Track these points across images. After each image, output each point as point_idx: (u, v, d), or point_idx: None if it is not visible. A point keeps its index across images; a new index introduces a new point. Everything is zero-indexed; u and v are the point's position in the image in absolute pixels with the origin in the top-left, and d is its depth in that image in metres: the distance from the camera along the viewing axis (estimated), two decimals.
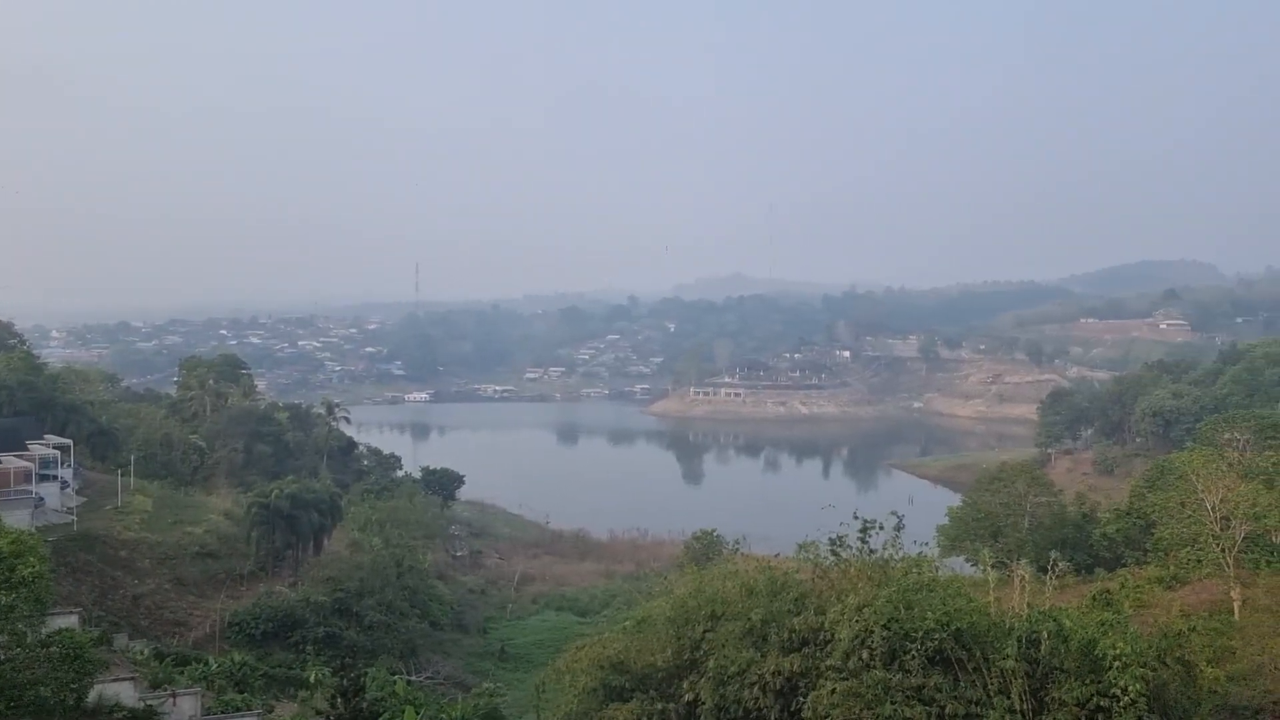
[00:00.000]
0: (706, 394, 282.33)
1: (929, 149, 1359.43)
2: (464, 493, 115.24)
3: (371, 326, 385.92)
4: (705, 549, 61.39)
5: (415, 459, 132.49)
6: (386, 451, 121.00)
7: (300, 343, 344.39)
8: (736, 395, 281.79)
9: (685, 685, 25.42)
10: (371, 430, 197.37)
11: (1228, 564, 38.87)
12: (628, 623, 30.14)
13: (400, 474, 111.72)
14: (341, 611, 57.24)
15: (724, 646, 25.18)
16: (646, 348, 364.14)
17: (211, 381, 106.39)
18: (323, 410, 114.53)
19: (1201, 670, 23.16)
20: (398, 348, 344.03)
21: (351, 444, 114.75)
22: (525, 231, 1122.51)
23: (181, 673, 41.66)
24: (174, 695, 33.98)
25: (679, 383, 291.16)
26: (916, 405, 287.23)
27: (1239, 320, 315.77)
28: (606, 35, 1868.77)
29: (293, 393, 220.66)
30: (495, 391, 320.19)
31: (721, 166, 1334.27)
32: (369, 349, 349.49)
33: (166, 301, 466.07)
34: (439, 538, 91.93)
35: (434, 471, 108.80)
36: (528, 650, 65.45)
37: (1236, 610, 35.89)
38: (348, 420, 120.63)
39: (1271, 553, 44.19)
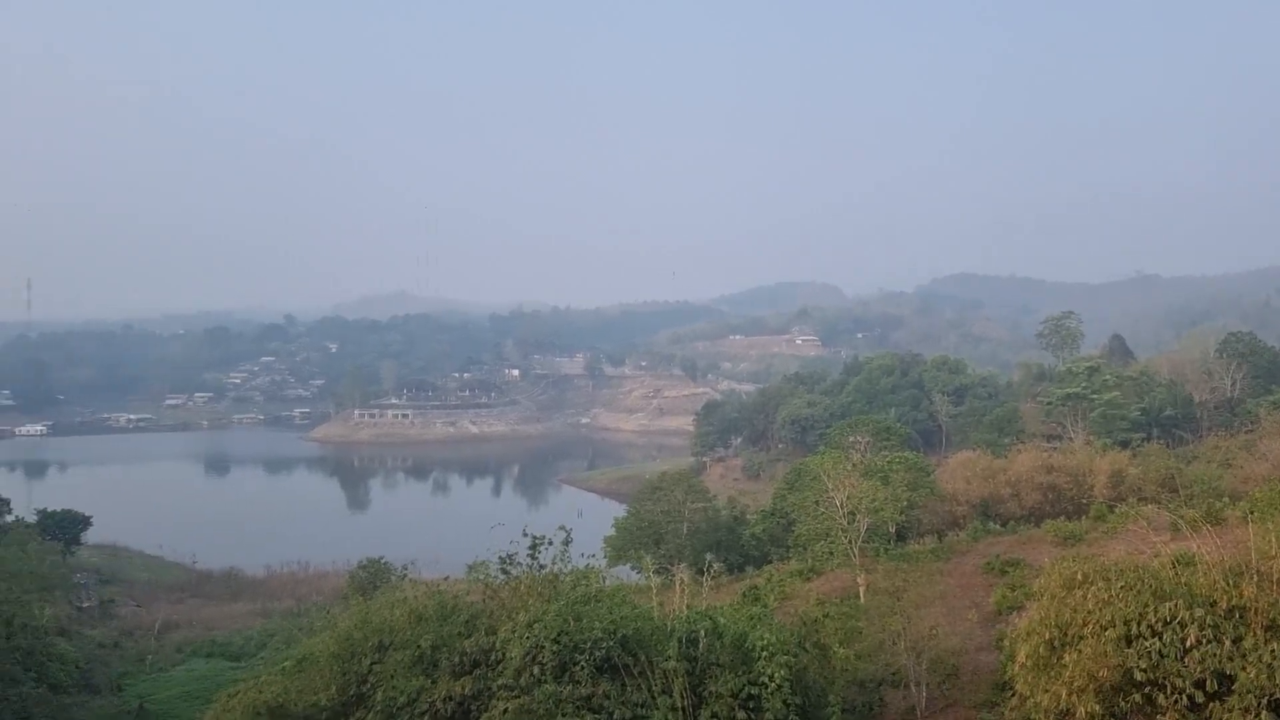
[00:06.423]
0: (372, 416, 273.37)
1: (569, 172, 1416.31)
2: (91, 535, 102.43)
3: None
4: (372, 578, 58.96)
5: (30, 501, 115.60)
6: None
7: None
8: (404, 417, 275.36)
9: None
10: None
11: (854, 554, 43.41)
12: (287, 663, 27.93)
13: (9, 519, 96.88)
14: None
15: (392, 677, 24.14)
16: (305, 370, 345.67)
17: None
18: None
19: (835, 651, 25.64)
20: (4, 375, 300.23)
21: None
22: (160, 244, 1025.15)
23: None
24: None
25: (342, 406, 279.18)
26: (584, 421, 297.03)
27: (859, 335, 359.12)
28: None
29: None
30: (129, 421, 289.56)
31: (377, 184, 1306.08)
32: None
33: None
34: (60, 589, 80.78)
35: (52, 514, 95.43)
36: (172, 705, 59.01)
37: (862, 594, 40.17)
38: None
39: (888, 541, 50.17)
